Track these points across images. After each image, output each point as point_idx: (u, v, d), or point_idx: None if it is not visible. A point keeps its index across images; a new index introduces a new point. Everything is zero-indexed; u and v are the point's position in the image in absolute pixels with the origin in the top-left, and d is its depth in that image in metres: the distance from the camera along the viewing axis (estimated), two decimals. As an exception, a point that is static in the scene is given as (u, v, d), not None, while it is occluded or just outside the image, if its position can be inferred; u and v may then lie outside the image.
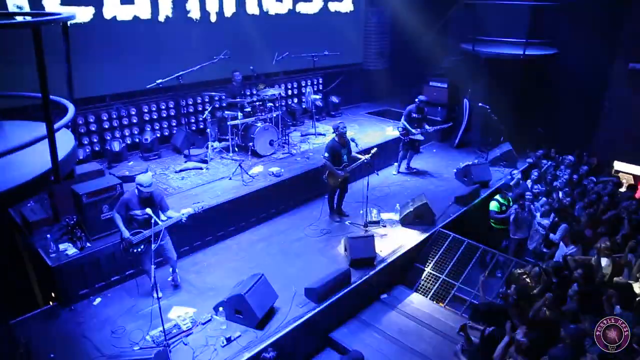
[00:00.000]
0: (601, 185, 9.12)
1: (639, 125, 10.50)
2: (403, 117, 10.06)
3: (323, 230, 8.19)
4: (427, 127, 10.17)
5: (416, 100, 10.02)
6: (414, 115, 9.97)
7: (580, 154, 10.90)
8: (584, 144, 11.34)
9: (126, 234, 5.84)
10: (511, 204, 8.38)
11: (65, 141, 3.10)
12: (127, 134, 9.67)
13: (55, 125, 2.59)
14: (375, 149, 8.08)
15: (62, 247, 6.35)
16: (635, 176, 10.64)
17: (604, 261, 6.37)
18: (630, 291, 5.40)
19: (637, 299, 5.41)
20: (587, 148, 11.21)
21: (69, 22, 2.87)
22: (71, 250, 6.32)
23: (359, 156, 8.04)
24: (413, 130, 9.96)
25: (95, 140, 9.24)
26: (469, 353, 5.32)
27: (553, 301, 5.55)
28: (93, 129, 9.16)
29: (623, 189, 9.33)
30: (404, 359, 6.01)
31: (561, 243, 7.47)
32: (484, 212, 8.94)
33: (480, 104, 10.91)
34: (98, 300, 6.37)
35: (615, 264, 6.50)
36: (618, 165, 10.87)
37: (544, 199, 8.68)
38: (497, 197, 8.54)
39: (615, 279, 6.07)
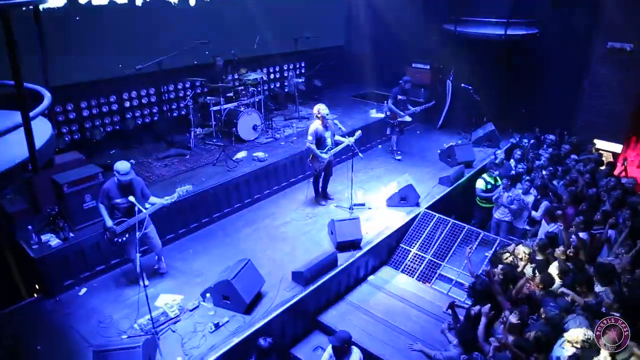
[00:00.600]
0: (582, 163, 9.25)
1: (618, 104, 10.64)
2: (390, 100, 10.02)
3: (309, 214, 8.21)
4: (411, 108, 10.17)
5: (400, 82, 10.00)
6: (400, 97, 9.96)
7: (562, 133, 11.03)
8: (565, 123, 11.46)
9: (109, 223, 5.78)
10: (498, 182, 8.48)
11: (42, 130, 3.04)
12: (107, 122, 9.50)
13: (31, 113, 2.52)
14: (359, 131, 8.06)
15: (44, 238, 6.26)
16: (614, 154, 10.80)
17: (583, 236, 6.51)
18: (612, 271, 5.53)
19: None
20: (568, 127, 11.33)
21: (41, 6, 2.78)
22: (54, 241, 6.24)
23: (343, 139, 8.02)
24: (401, 113, 9.96)
25: (74, 129, 9.05)
26: (456, 330, 5.43)
27: (534, 279, 5.69)
28: (72, 117, 8.97)
29: (603, 167, 9.47)
30: (392, 338, 6.09)
31: (543, 221, 7.60)
32: (468, 192, 9.04)
33: (462, 85, 10.94)
34: (84, 290, 6.32)
35: (595, 239, 6.65)
36: (599, 143, 11.02)
37: (527, 177, 8.79)
38: (484, 175, 8.63)
39: (598, 260, 6.18)
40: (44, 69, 3.03)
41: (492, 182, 8.52)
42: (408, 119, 10.19)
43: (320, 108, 7.78)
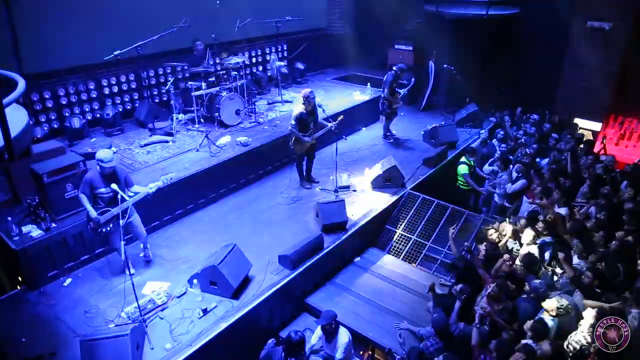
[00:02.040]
0: (563, 142, 9.37)
1: (597, 82, 10.76)
2: (386, 90, 9.87)
3: (294, 197, 8.21)
4: (400, 91, 10.13)
5: (395, 68, 9.89)
6: (394, 85, 9.91)
7: (543, 112, 11.14)
8: (547, 102, 11.58)
9: (93, 213, 5.70)
10: (475, 165, 8.57)
11: (17, 118, 2.96)
12: (87, 109, 9.30)
13: (5, 100, 2.45)
14: (342, 116, 8.04)
15: (25, 229, 6.15)
16: (594, 132, 10.97)
17: (563, 211, 6.65)
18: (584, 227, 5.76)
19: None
20: (550, 106, 11.45)
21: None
22: (36, 231, 6.13)
23: (326, 123, 8.01)
24: (399, 101, 9.95)
25: (53, 117, 8.85)
26: (440, 307, 5.56)
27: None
28: (49, 105, 8.76)
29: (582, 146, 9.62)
30: (379, 318, 6.17)
31: (525, 199, 7.72)
32: (452, 173, 9.11)
33: (445, 66, 10.95)
34: (69, 280, 6.25)
35: (575, 214, 6.79)
36: (578, 121, 11.17)
37: (510, 157, 8.89)
38: (464, 159, 8.69)
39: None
40: (16, 55, 2.94)
41: (473, 165, 8.61)
42: (400, 102, 10.20)
43: (309, 94, 7.72)
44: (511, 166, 8.34)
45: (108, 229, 5.86)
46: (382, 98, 10.09)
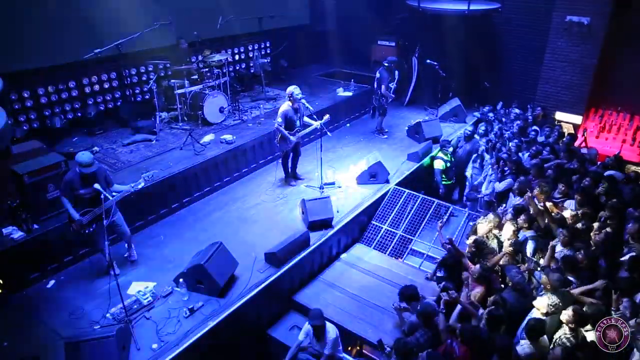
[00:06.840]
0: (544, 136, 9.48)
1: (576, 76, 10.91)
2: (383, 87, 9.84)
3: (279, 195, 8.20)
4: (391, 86, 10.13)
5: (386, 64, 9.89)
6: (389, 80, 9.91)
7: (525, 106, 11.26)
8: (528, 96, 11.71)
9: (76, 215, 5.62)
10: (452, 158, 8.64)
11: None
12: (68, 108, 9.18)
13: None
14: (328, 115, 8.02)
15: (5, 231, 6.06)
16: (574, 125, 11.13)
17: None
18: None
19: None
20: (531, 100, 11.58)
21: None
22: (17, 233, 6.05)
23: (312, 122, 8.00)
24: (392, 95, 10.00)
25: (33, 117, 8.72)
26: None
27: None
28: (29, 105, 8.63)
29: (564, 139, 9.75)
30: (366, 314, 6.21)
31: (511, 194, 7.80)
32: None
33: (428, 61, 11.00)
34: (52, 282, 6.17)
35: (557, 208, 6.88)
36: (559, 115, 11.32)
37: (493, 152, 8.97)
38: (440, 154, 8.74)
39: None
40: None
41: (449, 159, 8.68)
42: (393, 96, 10.23)
43: (294, 90, 7.70)
44: (495, 161, 8.42)
45: (91, 229, 5.79)
46: (377, 94, 10.06)
